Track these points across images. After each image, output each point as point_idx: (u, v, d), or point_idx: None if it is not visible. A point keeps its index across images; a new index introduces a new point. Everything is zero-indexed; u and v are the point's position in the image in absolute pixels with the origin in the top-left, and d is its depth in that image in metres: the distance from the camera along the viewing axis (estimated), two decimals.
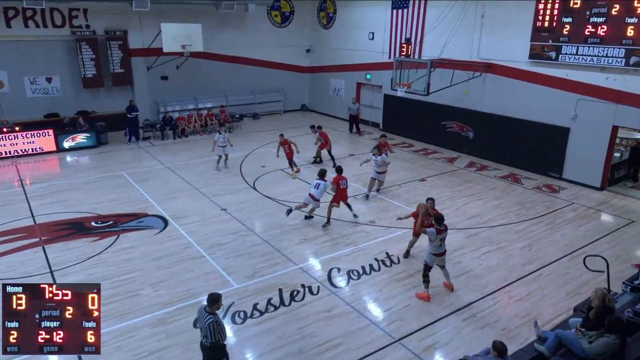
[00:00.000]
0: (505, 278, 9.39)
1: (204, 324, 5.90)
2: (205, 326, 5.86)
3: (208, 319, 5.87)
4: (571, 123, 14.65)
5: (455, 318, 8.12)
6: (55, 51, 19.08)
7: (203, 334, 5.94)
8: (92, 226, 11.55)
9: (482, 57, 16.75)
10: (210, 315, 5.91)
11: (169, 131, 20.08)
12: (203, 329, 5.92)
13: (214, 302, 5.95)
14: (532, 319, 7.76)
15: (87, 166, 16.61)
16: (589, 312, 6.57)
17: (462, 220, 12.06)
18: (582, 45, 13.74)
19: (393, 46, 20.16)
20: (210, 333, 5.84)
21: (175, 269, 9.57)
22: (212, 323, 5.84)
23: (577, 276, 9.42)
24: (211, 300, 5.95)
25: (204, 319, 5.92)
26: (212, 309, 5.95)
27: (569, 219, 12.26)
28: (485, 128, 17.15)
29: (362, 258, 10.10)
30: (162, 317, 8.05)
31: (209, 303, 5.96)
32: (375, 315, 8.22)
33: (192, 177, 15.08)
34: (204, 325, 5.88)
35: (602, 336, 6.00)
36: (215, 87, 22.68)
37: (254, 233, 11.26)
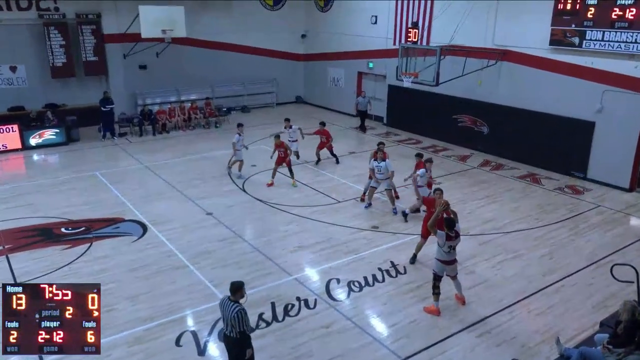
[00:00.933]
0: (523, 289, 9.40)
1: (230, 313, 6.16)
2: (232, 315, 6.13)
3: (234, 307, 6.16)
4: (596, 116, 14.69)
5: (468, 334, 8.11)
6: (20, 37, 19.01)
7: (230, 325, 6.22)
8: (62, 233, 11.50)
9: (498, 43, 16.79)
10: (236, 303, 6.22)
11: (148, 126, 20.05)
12: (229, 320, 6.19)
13: (237, 290, 6.26)
14: (554, 335, 7.75)
15: (56, 166, 16.56)
16: (617, 327, 6.57)
17: (475, 225, 12.08)
18: (609, 30, 13.78)
19: (398, 31, 20.17)
20: (238, 322, 6.15)
21: (155, 281, 9.54)
22: (240, 311, 6.14)
23: (603, 287, 9.43)
24: (234, 288, 6.27)
25: (229, 309, 6.19)
26: (236, 298, 6.26)
27: (595, 224, 12.29)
28: (501, 122, 17.19)
29: (364, 268, 10.09)
30: (140, 334, 8.02)
31: (232, 291, 6.27)
32: (379, 332, 8.22)
33: (174, 177, 15.06)
34: (231, 315, 6.15)
35: (631, 354, 6.01)
36: (200, 77, 22.67)
37: (244, 240, 11.24)
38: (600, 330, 7.50)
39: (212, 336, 7.95)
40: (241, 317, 6.15)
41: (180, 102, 21.84)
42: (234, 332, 6.22)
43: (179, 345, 7.75)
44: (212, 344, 7.79)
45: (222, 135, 19.65)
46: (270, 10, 24.23)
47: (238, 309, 6.15)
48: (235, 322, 6.15)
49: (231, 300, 6.26)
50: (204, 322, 8.30)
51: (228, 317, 6.21)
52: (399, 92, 20.21)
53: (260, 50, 24.27)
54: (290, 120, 16.20)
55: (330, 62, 24.21)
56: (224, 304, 6.31)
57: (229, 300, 6.28)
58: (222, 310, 6.36)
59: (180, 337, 7.94)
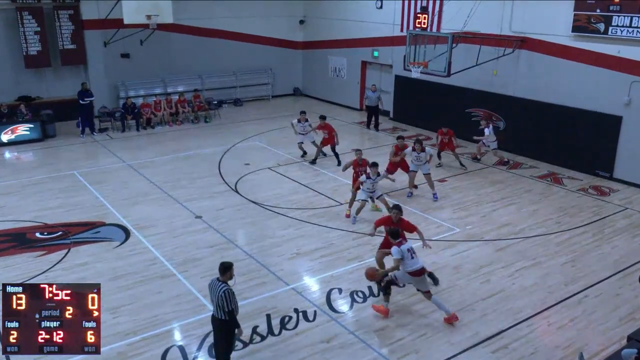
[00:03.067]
0: (543, 300, 9.41)
1: (217, 293, 6.82)
2: (220, 295, 6.79)
3: (222, 287, 6.83)
4: (624, 110, 14.71)
5: (482, 349, 8.12)
6: None
7: (218, 306, 6.86)
8: (37, 238, 11.51)
9: (515, 30, 16.80)
10: (223, 283, 6.88)
11: (131, 121, 20.06)
12: (217, 300, 6.84)
13: (226, 270, 6.93)
14: (577, 350, 7.79)
15: (30, 164, 16.57)
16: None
17: (490, 230, 12.09)
18: (637, 16, 13.79)
19: (406, 17, 20.18)
20: (225, 302, 6.79)
21: (139, 291, 9.55)
22: (227, 291, 6.81)
23: (631, 298, 9.45)
24: (223, 268, 6.94)
25: (217, 289, 6.84)
26: (225, 278, 6.92)
27: (622, 228, 12.31)
28: (519, 116, 17.21)
29: None
30: (122, 349, 8.03)
31: (221, 272, 6.93)
32: (384, 347, 8.22)
33: (160, 177, 15.08)
34: (218, 294, 6.80)
35: None
36: (188, 67, 22.72)
37: (236, 246, 11.26)
38: (627, 345, 7.51)
39: (202, 351, 7.96)
40: (228, 296, 6.78)
41: (167, 94, 21.86)
42: (221, 313, 6.86)
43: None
44: None
45: (212, 131, 19.65)
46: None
47: (225, 289, 6.81)
48: (223, 301, 6.78)
49: (219, 280, 6.90)
50: (192, 336, 8.30)
51: (216, 298, 6.84)
52: (407, 84, 20.23)
53: (255, 37, 24.29)
54: (306, 113, 16.67)
55: (332, 51, 24.21)
56: (213, 285, 6.96)
57: (217, 280, 6.93)
58: (211, 291, 7.02)
59: (166, 352, 7.95)
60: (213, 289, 6.93)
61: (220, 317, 6.90)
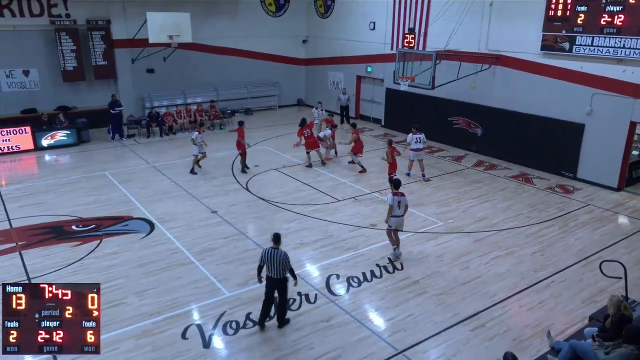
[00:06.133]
0: (515, 285, 9.41)
1: (280, 257, 7.57)
2: (284, 258, 7.58)
3: (283, 252, 7.63)
4: (586, 119, 14.68)
5: (462, 328, 8.12)
6: (33, 42, 19.04)
7: (281, 268, 7.58)
8: (73, 230, 11.52)
9: (491, 48, 16.79)
10: (281, 250, 7.65)
11: (155, 128, 20.06)
12: (281, 261, 7.57)
13: (279, 239, 7.73)
14: (545, 329, 7.78)
15: (67, 166, 16.57)
16: (606, 322, 6.58)
17: (469, 223, 12.08)
18: (598, 36, 13.77)
19: (396, 37, 20.18)
20: (289, 262, 7.69)
21: (162, 277, 9.56)
22: (287, 254, 7.70)
23: (593, 283, 9.44)
24: (277, 238, 7.72)
25: (278, 254, 7.57)
26: (279, 245, 7.69)
27: (584, 222, 12.29)
28: (495, 124, 17.18)
29: (363, 264, 10.10)
30: (148, 328, 8.03)
31: (276, 241, 7.69)
32: (377, 326, 8.23)
33: (180, 177, 15.07)
34: (282, 258, 7.58)
35: (620, 347, 6.01)
36: (206, 80, 22.70)
37: (247, 238, 11.25)
38: (589, 324, 7.52)
39: (217, 329, 7.97)
40: (289, 258, 7.70)
41: (187, 104, 21.83)
42: (282, 273, 7.62)
43: (185, 339, 7.77)
44: (217, 337, 7.81)
45: (226, 137, 19.64)
46: (273, 17, 24.22)
47: (286, 253, 7.68)
48: (287, 262, 7.64)
49: (275, 248, 7.62)
50: (209, 317, 8.31)
51: (278, 261, 7.55)
52: (397, 96, 20.23)
53: (263, 55, 24.29)
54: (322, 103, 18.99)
55: (331, 67, 24.20)
56: (270, 253, 7.60)
57: (273, 249, 7.61)
58: (269, 258, 7.60)
59: (186, 330, 7.96)
60: (272, 255, 7.55)
61: (280, 276, 7.61)
